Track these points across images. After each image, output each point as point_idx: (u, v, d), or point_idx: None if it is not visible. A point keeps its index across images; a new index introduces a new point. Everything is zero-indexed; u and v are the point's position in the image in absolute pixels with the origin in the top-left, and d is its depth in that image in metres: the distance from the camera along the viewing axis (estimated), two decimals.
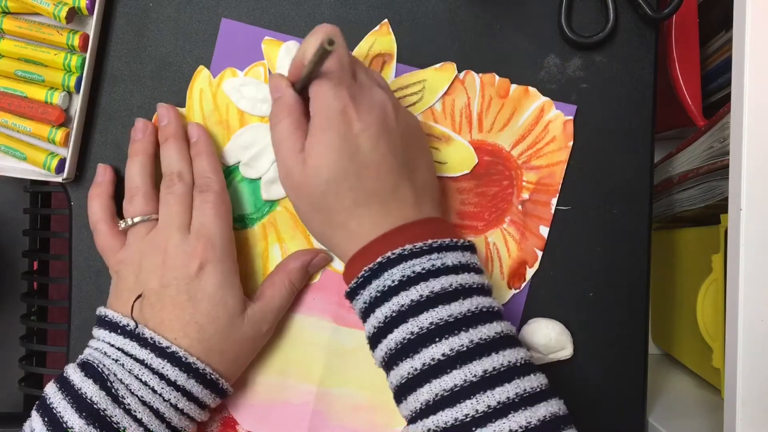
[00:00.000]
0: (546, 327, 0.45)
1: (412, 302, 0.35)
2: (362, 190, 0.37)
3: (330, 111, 0.37)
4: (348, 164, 0.37)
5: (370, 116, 0.37)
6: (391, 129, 0.38)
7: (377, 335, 0.36)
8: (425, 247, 0.36)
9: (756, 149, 0.39)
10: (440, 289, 0.35)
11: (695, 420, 0.51)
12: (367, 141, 0.37)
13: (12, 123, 0.45)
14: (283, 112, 0.39)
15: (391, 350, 0.35)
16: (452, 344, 0.34)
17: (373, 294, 0.36)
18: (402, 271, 0.36)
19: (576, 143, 0.46)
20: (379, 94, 0.39)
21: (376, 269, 0.36)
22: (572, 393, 0.46)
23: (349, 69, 0.38)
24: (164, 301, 0.39)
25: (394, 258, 0.36)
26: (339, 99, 0.37)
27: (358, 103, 0.37)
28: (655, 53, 0.46)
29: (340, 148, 0.37)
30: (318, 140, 0.37)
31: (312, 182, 0.37)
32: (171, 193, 0.42)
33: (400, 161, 0.39)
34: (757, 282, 0.38)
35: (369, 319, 0.37)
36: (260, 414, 0.45)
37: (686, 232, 0.60)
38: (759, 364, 0.38)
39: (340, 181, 0.37)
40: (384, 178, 0.38)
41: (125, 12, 0.46)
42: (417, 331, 0.35)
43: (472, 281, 0.37)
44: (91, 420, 0.36)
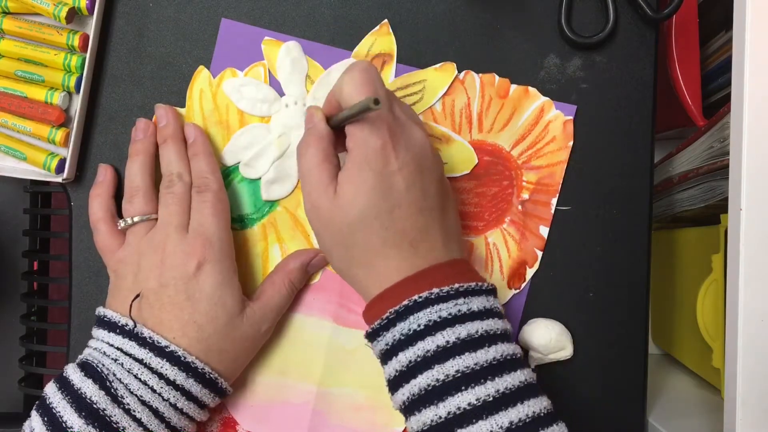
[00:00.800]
0: (546, 327, 0.45)
1: (438, 348, 0.34)
2: (393, 230, 0.37)
3: (368, 148, 0.36)
4: (381, 203, 0.36)
5: (408, 155, 0.37)
6: (427, 169, 0.38)
7: (399, 379, 0.36)
8: (452, 291, 0.36)
9: (756, 149, 0.39)
10: (466, 335, 0.35)
11: (695, 420, 0.51)
12: (402, 180, 0.37)
13: (12, 123, 0.45)
14: (313, 140, 0.39)
15: (414, 396, 0.35)
16: (478, 393, 0.33)
17: (397, 337, 0.36)
18: (428, 316, 0.35)
19: (576, 143, 0.46)
20: (418, 133, 0.38)
21: (401, 312, 0.36)
22: (572, 393, 0.46)
23: (388, 106, 0.38)
24: (163, 300, 0.39)
25: (420, 302, 0.35)
26: (379, 137, 0.36)
27: (396, 141, 0.37)
28: (655, 53, 0.46)
29: (375, 185, 0.36)
30: (353, 175, 0.37)
31: (342, 217, 0.37)
32: (170, 193, 0.42)
33: (432, 203, 0.38)
34: (757, 282, 0.38)
35: (390, 362, 0.36)
36: (260, 414, 0.45)
37: (686, 232, 0.60)
38: (759, 364, 0.38)
39: (372, 220, 0.37)
40: (415, 218, 0.37)
41: (125, 12, 0.46)
42: (443, 379, 0.34)
43: (497, 327, 0.36)
44: (91, 420, 0.36)
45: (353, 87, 0.37)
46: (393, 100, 0.39)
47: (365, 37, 0.46)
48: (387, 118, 0.37)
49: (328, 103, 0.40)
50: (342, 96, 0.38)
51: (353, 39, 0.46)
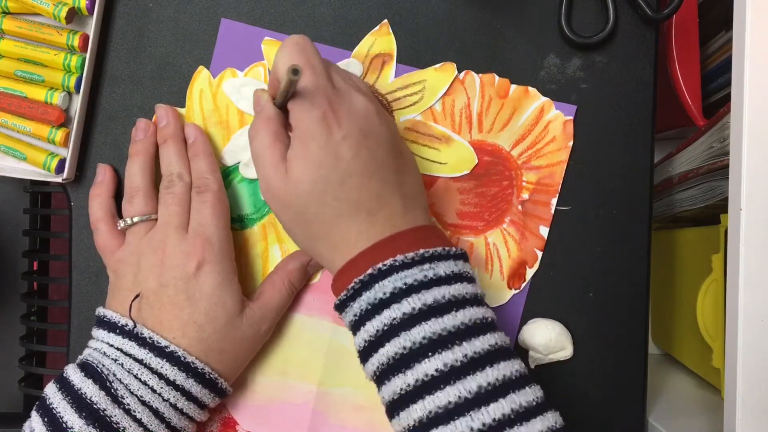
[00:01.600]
0: (546, 327, 0.45)
1: (404, 315, 0.34)
2: (346, 200, 0.36)
3: (309, 120, 0.36)
4: (329, 174, 0.36)
5: (350, 122, 0.36)
6: (374, 135, 0.37)
7: (368, 349, 0.35)
8: (416, 257, 0.35)
9: (756, 149, 0.39)
10: (433, 301, 0.34)
11: (695, 420, 0.51)
12: (348, 149, 0.36)
13: (12, 123, 0.45)
14: (261, 124, 0.38)
15: (383, 365, 0.34)
16: (446, 359, 0.33)
17: (364, 307, 0.35)
18: (393, 283, 0.35)
19: (576, 143, 0.46)
20: (360, 98, 0.38)
21: (366, 281, 0.35)
22: (572, 393, 0.46)
23: (325, 76, 0.37)
24: (162, 300, 0.39)
25: (385, 269, 0.35)
26: (317, 107, 0.36)
27: (337, 110, 0.36)
28: (655, 53, 0.46)
29: (321, 158, 0.36)
30: (298, 151, 0.36)
31: (293, 194, 0.37)
32: (170, 194, 0.42)
33: (385, 168, 0.37)
34: (757, 282, 0.38)
35: (359, 332, 0.36)
36: (260, 414, 0.45)
37: (686, 232, 0.60)
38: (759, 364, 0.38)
39: (322, 192, 0.36)
40: (368, 186, 0.37)
41: (125, 12, 0.46)
42: (410, 346, 0.33)
43: (465, 292, 0.36)
44: (91, 420, 0.36)
45: (284, 62, 0.37)
46: (331, 70, 0.39)
47: (365, 37, 0.46)
48: (325, 89, 0.37)
49: (272, 84, 0.40)
50: (277, 73, 0.38)
51: (353, 39, 0.46)
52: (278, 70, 0.38)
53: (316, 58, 0.37)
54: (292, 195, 0.37)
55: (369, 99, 0.38)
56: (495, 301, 0.46)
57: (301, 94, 0.36)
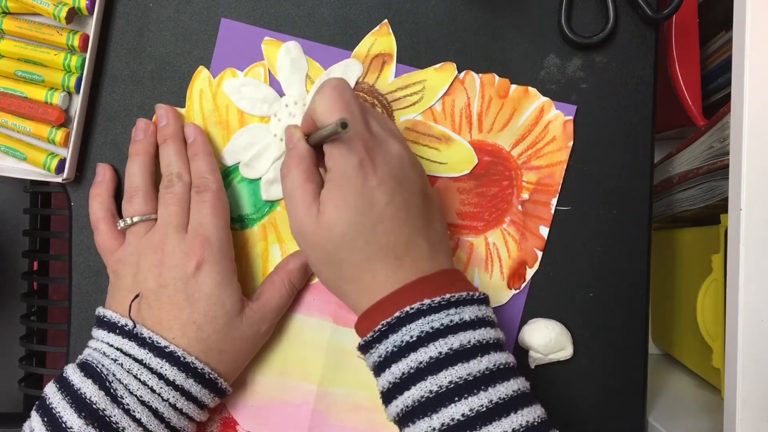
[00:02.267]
0: (546, 327, 0.45)
1: (431, 359, 0.34)
2: (377, 245, 0.37)
3: (346, 166, 0.36)
4: (363, 220, 0.36)
5: (386, 169, 0.37)
6: (407, 182, 0.38)
7: (392, 391, 0.35)
8: (443, 301, 0.36)
9: (756, 149, 0.39)
10: (459, 346, 0.35)
11: (695, 420, 0.51)
12: (383, 195, 0.37)
13: (12, 123, 0.45)
14: (293, 162, 0.39)
15: (408, 407, 0.35)
16: (471, 404, 0.33)
17: (390, 349, 0.35)
18: (421, 327, 0.35)
19: (576, 143, 0.46)
20: (395, 146, 0.38)
21: (393, 324, 0.35)
22: (572, 393, 0.46)
23: (362, 121, 0.38)
24: (162, 300, 0.39)
25: (412, 313, 0.35)
26: (354, 153, 0.36)
27: (374, 157, 0.37)
28: (655, 53, 0.46)
29: (355, 203, 0.36)
30: (333, 195, 0.37)
31: (325, 237, 0.37)
32: (169, 193, 0.42)
33: (415, 214, 0.38)
34: (757, 282, 0.38)
35: (384, 373, 0.36)
36: (260, 414, 0.45)
37: (686, 232, 0.60)
38: (759, 364, 0.38)
39: (355, 237, 0.36)
40: (398, 232, 0.37)
41: (125, 12, 0.46)
42: (436, 390, 0.34)
43: (489, 337, 0.36)
44: (91, 420, 0.36)
45: (325, 106, 0.37)
46: (368, 115, 0.39)
47: (365, 37, 0.46)
48: (362, 135, 0.37)
49: (305, 122, 0.40)
50: (316, 115, 0.38)
51: (353, 39, 0.46)
52: (317, 113, 0.38)
53: (355, 103, 0.38)
54: (324, 238, 0.37)
55: (403, 146, 0.39)
56: (495, 301, 0.46)
57: (339, 138, 0.37)
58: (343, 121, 0.34)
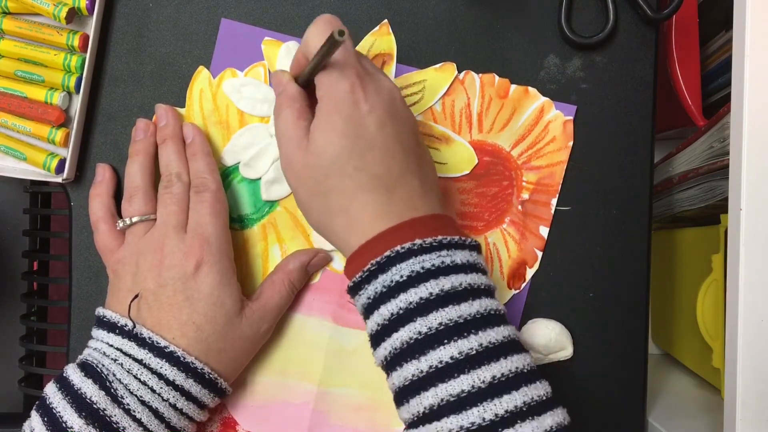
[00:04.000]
0: (546, 327, 0.45)
1: (421, 300, 0.33)
2: (367, 172, 0.36)
3: (337, 92, 0.36)
4: (353, 144, 0.36)
5: (377, 98, 0.37)
6: (399, 116, 0.37)
7: (380, 333, 0.35)
8: (435, 243, 0.35)
9: (756, 149, 0.39)
10: (450, 288, 0.34)
11: (695, 420, 0.51)
12: (374, 122, 0.36)
13: (12, 123, 0.45)
14: (285, 103, 0.39)
15: (396, 350, 0.34)
16: (461, 347, 0.32)
17: (379, 289, 0.35)
18: (411, 267, 0.34)
19: (576, 143, 0.46)
20: (387, 81, 0.38)
21: (383, 263, 0.34)
22: (572, 393, 0.46)
23: (354, 54, 0.37)
24: (161, 301, 0.39)
25: (403, 252, 0.34)
26: (346, 79, 0.36)
27: (365, 85, 0.37)
28: (655, 53, 0.46)
29: (345, 128, 0.36)
30: (323, 121, 0.36)
31: (316, 165, 0.36)
32: (168, 193, 0.42)
33: (407, 150, 0.37)
34: (757, 282, 0.38)
35: (372, 315, 0.35)
36: (260, 414, 0.45)
37: (686, 232, 0.60)
38: (759, 364, 0.38)
39: (344, 161, 0.36)
40: (389, 163, 0.36)
41: (125, 12, 0.46)
42: (425, 332, 0.33)
43: (480, 282, 0.35)
44: (91, 420, 0.36)
45: (317, 37, 0.37)
46: (360, 54, 0.39)
47: (365, 37, 0.46)
48: (354, 65, 0.37)
49: (296, 62, 0.40)
50: (308, 49, 0.38)
51: (353, 39, 0.46)
52: (309, 46, 0.38)
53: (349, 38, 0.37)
54: (314, 166, 0.37)
55: (395, 85, 0.39)
56: None
57: (330, 66, 0.36)
58: (339, 30, 0.33)
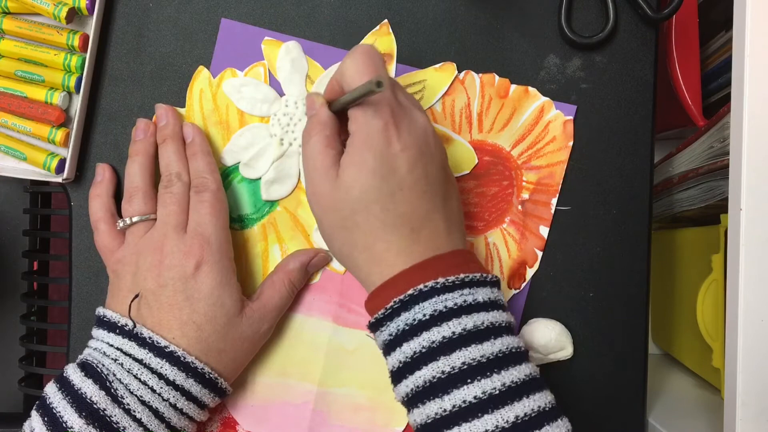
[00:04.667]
0: (546, 327, 0.45)
1: (444, 339, 0.34)
2: (394, 212, 0.36)
3: (370, 129, 0.36)
4: (382, 184, 0.36)
5: (410, 138, 0.37)
6: (430, 154, 0.38)
7: (402, 370, 0.35)
8: (457, 281, 0.35)
9: (756, 149, 0.39)
10: (472, 326, 0.34)
11: (695, 420, 0.51)
12: (405, 162, 0.36)
13: (12, 123, 0.45)
14: (315, 128, 0.38)
15: (418, 388, 0.34)
16: (484, 387, 0.33)
17: (402, 327, 0.35)
18: (434, 306, 0.34)
19: (576, 143, 0.46)
20: (421, 117, 0.38)
21: (406, 301, 0.35)
22: (572, 393, 0.46)
23: (390, 88, 0.37)
24: (161, 301, 0.39)
25: (426, 291, 0.35)
26: (380, 117, 0.36)
27: (399, 123, 0.37)
28: (655, 53, 0.47)
29: (376, 166, 0.36)
30: (354, 157, 0.36)
31: (343, 199, 0.36)
32: (168, 193, 0.42)
33: (435, 188, 0.37)
34: (757, 282, 0.38)
35: (394, 352, 0.35)
36: (260, 414, 0.45)
37: (686, 232, 0.60)
38: (759, 364, 0.38)
39: (372, 201, 0.36)
40: (417, 203, 0.37)
41: (125, 12, 0.46)
42: (448, 371, 0.33)
43: (501, 319, 0.36)
44: (91, 420, 0.36)
45: (356, 70, 0.37)
46: (396, 86, 0.39)
47: (365, 37, 0.46)
48: (389, 101, 0.37)
49: (330, 88, 0.40)
50: (344, 79, 0.38)
51: (353, 39, 0.46)
52: (345, 77, 0.37)
53: (385, 69, 0.38)
54: (341, 200, 0.37)
55: (428, 120, 0.39)
56: None
57: (366, 102, 0.37)
58: (378, 80, 0.33)
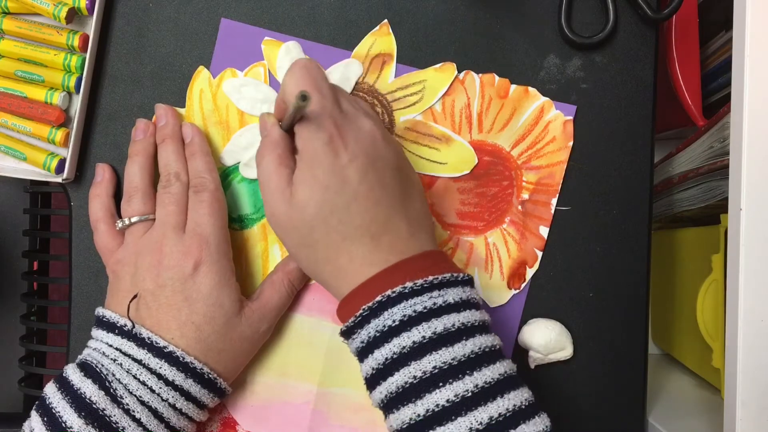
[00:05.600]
0: (546, 327, 0.45)
1: (414, 344, 0.34)
2: (351, 224, 0.36)
3: (315, 144, 0.36)
4: (335, 198, 0.36)
5: (357, 146, 0.36)
6: (380, 158, 0.37)
7: (375, 377, 0.35)
8: (426, 284, 0.35)
9: (756, 149, 0.39)
10: (443, 329, 0.34)
11: (695, 420, 0.51)
12: (355, 172, 0.36)
13: (12, 123, 0.45)
14: (267, 148, 0.38)
15: (392, 393, 0.34)
16: (456, 389, 0.33)
17: (372, 334, 0.35)
18: (403, 311, 0.34)
19: (576, 143, 0.46)
20: (367, 122, 0.38)
21: (375, 308, 0.35)
22: (572, 393, 0.46)
23: (333, 100, 0.37)
24: (160, 301, 0.39)
25: (394, 296, 0.35)
26: (324, 130, 0.36)
27: (344, 133, 0.36)
28: (655, 53, 0.47)
29: (327, 181, 0.36)
30: (305, 175, 0.36)
31: (298, 218, 0.36)
32: (167, 193, 0.42)
33: (391, 192, 0.37)
34: (757, 282, 0.38)
35: (367, 359, 0.35)
36: (260, 414, 0.45)
37: (686, 232, 0.60)
38: (759, 364, 0.38)
39: (328, 216, 0.36)
40: (374, 210, 0.36)
41: (125, 12, 0.46)
42: (420, 375, 0.33)
43: (474, 319, 0.35)
44: (90, 420, 0.36)
45: (293, 85, 0.37)
46: (339, 94, 0.39)
47: (365, 37, 0.46)
48: (332, 112, 0.36)
49: (277, 107, 0.40)
50: (285, 96, 0.38)
51: (353, 39, 0.46)
52: (286, 94, 0.37)
53: (324, 81, 0.37)
54: (297, 219, 0.36)
55: (376, 123, 0.38)
56: (495, 301, 0.46)
57: (307, 117, 0.36)
58: (302, 94, 0.33)
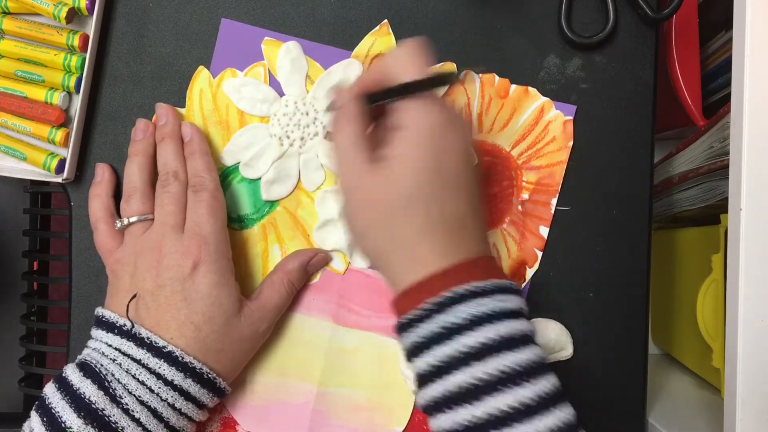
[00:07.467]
0: (546, 327, 0.45)
1: (479, 344, 0.33)
2: (438, 212, 0.36)
3: (429, 123, 0.35)
4: (433, 181, 0.35)
5: (462, 141, 0.36)
6: (472, 162, 0.37)
7: (432, 374, 0.34)
8: (492, 287, 0.35)
9: (756, 149, 0.39)
10: (506, 333, 0.34)
11: (695, 420, 0.51)
12: (455, 164, 0.36)
13: (12, 123, 0.45)
14: (350, 120, 0.37)
15: (449, 393, 0.33)
16: (518, 396, 0.32)
17: (435, 330, 0.34)
18: (470, 310, 0.34)
19: (576, 143, 0.46)
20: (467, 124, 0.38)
21: (444, 303, 0.34)
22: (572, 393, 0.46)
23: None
24: (159, 301, 0.39)
25: (464, 294, 0.34)
26: (438, 113, 0.36)
27: (453, 121, 0.36)
28: (655, 53, 0.46)
29: (429, 164, 0.35)
30: (407, 151, 0.35)
31: (387, 195, 0.35)
32: (166, 193, 0.42)
33: (474, 194, 0.37)
34: (757, 282, 0.38)
35: (423, 355, 0.35)
36: (260, 414, 0.45)
37: (686, 232, 0.60)
38: (759, 364, 0.38)
39: (420, 198, 0.35)
40: (459, 204, 0.36)
41: (125, 12, 0.46)
42: (484, 378, 0.33)
43: (528, 329, 0.35)
44: (90, 420, 0.36)
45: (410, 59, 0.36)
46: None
47: (365, 37, 0.46)
48: (441, 100, 0.36)
49: (368, 79, 0.39)
50: (393, 68, 0.37)
51: (353, 39, 0.46)
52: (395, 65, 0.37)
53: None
54: (385, 196, 0.36)
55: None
56: None
57: (421, 96, 0.36)
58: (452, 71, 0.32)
